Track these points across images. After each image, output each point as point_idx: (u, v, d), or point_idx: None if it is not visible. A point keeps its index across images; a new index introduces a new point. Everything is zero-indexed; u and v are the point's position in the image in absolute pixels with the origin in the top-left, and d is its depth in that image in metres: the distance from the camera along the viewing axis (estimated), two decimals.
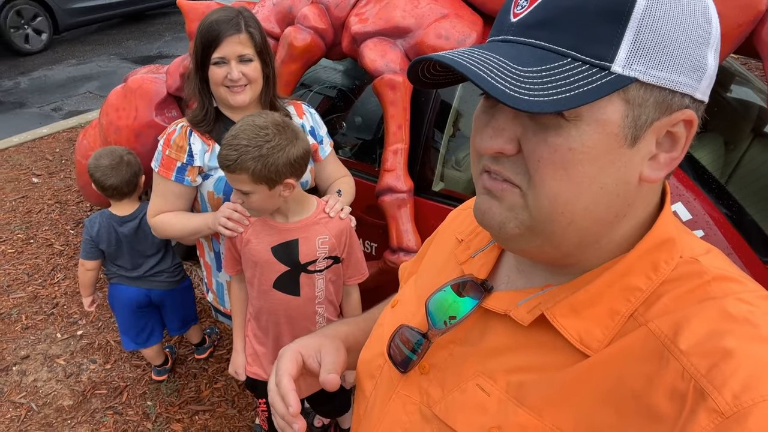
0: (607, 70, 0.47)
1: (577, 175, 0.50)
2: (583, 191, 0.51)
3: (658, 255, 0.55)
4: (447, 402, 0.62)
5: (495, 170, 0.54)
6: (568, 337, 0.55)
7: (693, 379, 0.47)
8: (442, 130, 2.04)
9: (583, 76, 0.47)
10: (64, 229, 3.60)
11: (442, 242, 0.81)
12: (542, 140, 0.50)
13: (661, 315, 0.52)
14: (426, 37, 1.89)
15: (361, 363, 0.77)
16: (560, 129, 0.49)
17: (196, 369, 2.62)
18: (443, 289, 0.66)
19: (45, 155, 4.52)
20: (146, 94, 2.66)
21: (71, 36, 7.60)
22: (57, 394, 2.49)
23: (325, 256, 1.60)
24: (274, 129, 1.42)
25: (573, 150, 0.49)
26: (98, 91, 5.92)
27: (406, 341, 0.66)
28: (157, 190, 1.75)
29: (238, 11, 1.64)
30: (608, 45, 0.47)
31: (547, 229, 0.53)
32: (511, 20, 0.51)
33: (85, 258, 2.22)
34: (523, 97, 0.46)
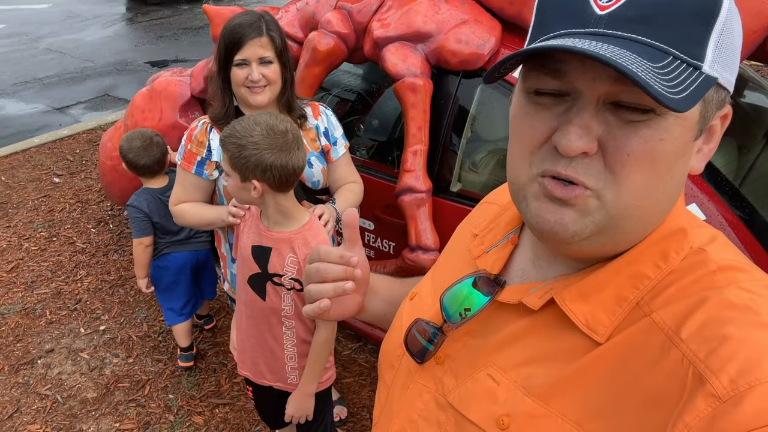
0: (699, 70, 0.48)
1: (661, 166, 0.51)
2: (661, 182, 0.52)
3: (668, 244, 0.56)
4: (460, 391, 0.64)
5: (567, 174, 0.52)
6: (575, 321, 0.56)
7: (692, 365, 0.48)
8: (461, 132, 2.10)
9: (686, 75, 0.48)
10: (86, 228, 3.69)
11: (460, 236, 0.83)
12: (632, 134, 0.50)
13: (665, 305, 0.53)
14: (446, 41, 1.95)
15: (383, 353, 0.80)
16: (649, 122, 0.49)
17: (215, 364, 2.68)
18: (458, 284, 0.67)
19: (66, 156, 4.62)
20: (171, 96, 2.74)
21: (92, 36, 7.75)
22: (81, 387, 2.56)
23: (291, 277, 1.58)
24: (264, 130, 1.45)
25: (663, 141, 0.50)
26: (116, 93, 6.04)
27: (422, 332, 0.68)
28: (178, 180, 1.85)
29: (259, 15, 1.72)
30: (700, 45, 0.48)
31: (619, 225, 0.53)
32: (597, 12, 0.50)
33: (142, 235, 2.38)
34: (670, 95, 0.46)
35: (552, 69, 0.51)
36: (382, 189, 2.20)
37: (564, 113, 0.52)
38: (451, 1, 2.02)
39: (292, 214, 1.58)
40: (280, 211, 1.56)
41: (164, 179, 2.46)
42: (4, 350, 2.76)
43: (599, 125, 0.50)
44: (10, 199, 4.01)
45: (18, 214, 3.84)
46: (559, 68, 0.51)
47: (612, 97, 0.50)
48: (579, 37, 0.49)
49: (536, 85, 0.53)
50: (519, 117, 0.56)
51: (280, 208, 1.55)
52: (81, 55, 7.22)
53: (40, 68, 6.81)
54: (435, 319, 0.69)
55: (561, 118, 0.52)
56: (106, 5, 9.79)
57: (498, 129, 2.16)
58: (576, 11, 0.51)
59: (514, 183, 0.58)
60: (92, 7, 9.65)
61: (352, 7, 2.15)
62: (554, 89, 0.52)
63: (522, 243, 0.69)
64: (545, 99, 0.53)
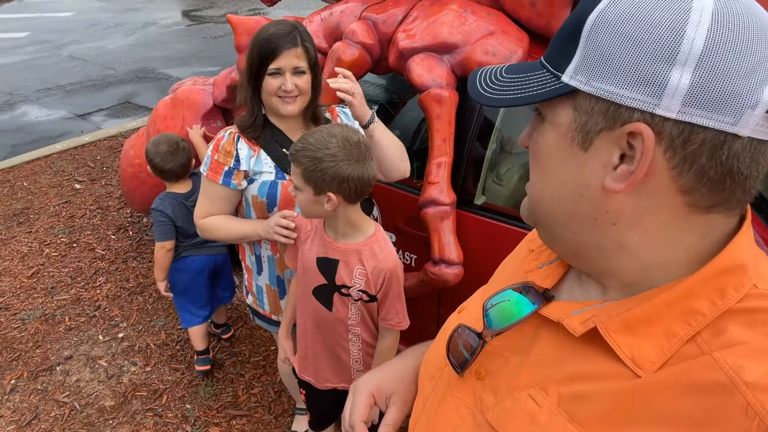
0: (558, 79, 0.55)
1: (542, 166, 0.59)
2: (547, 182, 0.59)
3: (726, 280, 0.53)
4: (499, 409, 0.62)
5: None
6: (620, 354, 0.54)
7: (758, 416, 0.45)
8: (486, 144, 2.07)
9: (542, 83, 0.56)
10: (106, 234, 3.71)
11: (518, 251, 0.83)
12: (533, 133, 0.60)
13: (728, 346, 0.50)
14: (473, 53, 1.93)
15: (425, 364, 0.80)
16: (540, 126, 0.59)
17: (233, 374, 2.66)
18: (503, 291, 0.66)
19: (87, 162, 4.66)
20: (193, 104, 2.74)
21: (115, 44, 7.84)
22: (99, 395, 2.55)
23: (360, 289, 1.58)
24: (340, 142, 1.44)
25: (537, 143, 0.59)
26: (137, 101, 6.10)
27: (466, 343, 0.68)
28: (204, 192, 1.82)
29: (293, 26, 1.71)
30: (566, 59, 0.54)
31: (536, 216, 0.62)
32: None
33: (165, 239, 2.40)
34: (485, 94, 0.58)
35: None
36: (405, 201, 2.17)
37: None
38: (478, 12, 1.99)
39: (359, 226, 1.58)
40: (348, 223, 1.56)
41: (188, 184, 2.48)
42: (24, 356, 2.77)
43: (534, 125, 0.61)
44: (31, 205, 4.04)
45: (39, 219, 3.87)
46: None
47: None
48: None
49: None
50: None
51: (349, 219, 1.55)
52: (103, 63, 7.32)
53: (63, 75, 6.90)
54: (477, 326, 0.68)
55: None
56: (129, 14, 9.93)
57: None
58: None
59: None
60: (115, 16, 9.81)
61: (377, 17, 2.13)
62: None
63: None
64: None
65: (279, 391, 2.55)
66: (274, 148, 1.78)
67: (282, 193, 1.76)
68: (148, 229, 3.75)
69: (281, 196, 1.76)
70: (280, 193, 1.76)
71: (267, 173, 1.77)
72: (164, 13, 9.93)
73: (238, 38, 2.48)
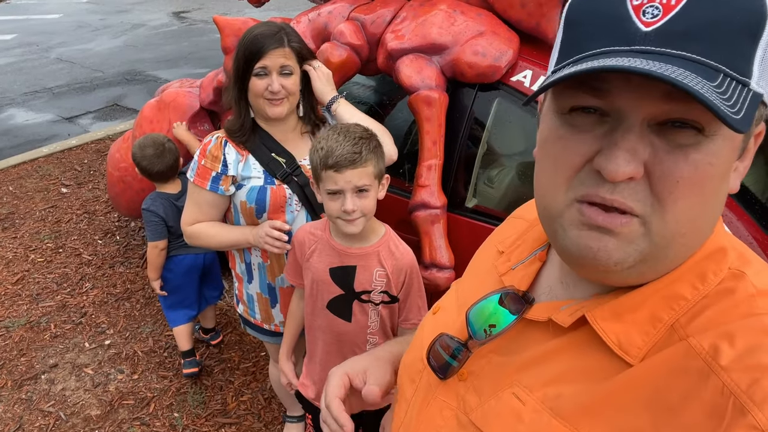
0: (747, 87, 0.46)
1: (709, 191, 0.49)
2: (706, 207, 0.50)
3: (707, 265, 0.54)
4: (483, 409, 0.61)
5: (613, 200, 0.49)
6: (607, 341, 0.53)
7: (732, 395, 0.46)
8: (476, 146, 2.04)
9: (738, 92, 0.45)
10: (93, 239, 3.65)
11: (485, 251, 0.81)
12: (681, 159, 0.47)
13: (703, 330, 0.50)
14: (462, 53, 1.90)
15: (403, 367, 0.78)
16: (699, 146, 0.47)
17: (222, 381, 2.62)
18: (484, 300, 0.65)
19: (74, 166, 4.59)
20: (180, 107, 2.70)
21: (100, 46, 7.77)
22: (85, 404, 2.50)
23: (381, 290, 1.55)
24: (367, 131, 1.47)
25: (713, 165, 0.48)
26: (125, 103, 6.03)
27: (445, 347, 0.67)
28: (191, 199, 1.78)
29: (280, 27, 1.67)
30: (747, 61, 0.46)
31: (662, 254, 0.51)
32: (642, 29, 0.47)
33: (157, 239, 2.41)
34: (734, 116, 0.43)
35: (593, 87, 0.49)
36: (395, 204, 2.14)
37: (606, 135, 0.49)
38: (467, 13, 1.97)
39: (373, 227, 1.57)
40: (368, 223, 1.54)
41: (178, 184, 2.48)
42: (8, 365, 2.71)
43: (645, 148, 0.48)
44: (17, 210, 3.98)
45: (25, 224, 3.81)
46: (601, 86, 0.48)
47: (658, 118, 0.47)
48: (624, 56, 0.45)
49: (573, 103, 0.50)
50: (552, 140, 0.53)
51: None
52: (91, 65, 7.24)
53: (50, 78, 6.82)
54: (459, 334, 0.67)
55: (604, 141, 0.49)
56: (117, 16, 9.85)
57: (515, 143, 2.10)
58: (616, 28, 0.48)
59: (548, 209, 0.55)
60: (103, 18, 9.72)
61: (365, 18, 2.10)
62: (594, 106, 0.49)
63: (550, 260, 0.68)
64: (581, 119, 0.50)
65: (269, 398, 2.51)
66: (263, 153, 1.74)
67: (271, 199, 1.72)
68: (136, 234, 3.69)
69: (270, 201, 1.72)
70: (270, 199, 1.72)
71: (256, 178, 1.73)
72: (153, 14, 9.85)
73: (224, 40, 2.45)
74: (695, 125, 0.46)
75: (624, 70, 0.43)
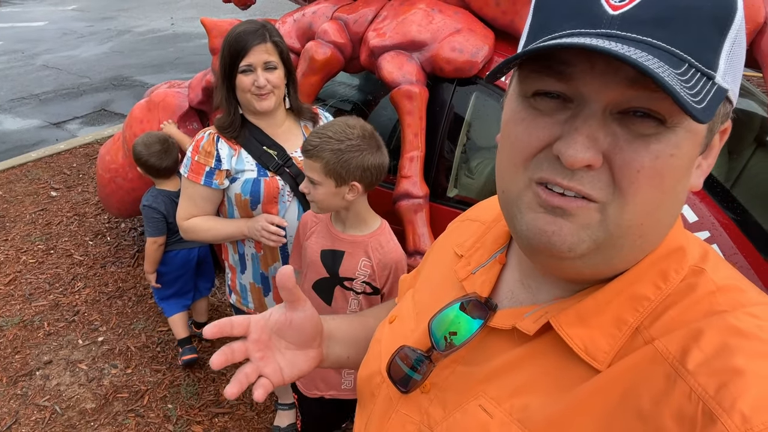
0: (712, 80, 0.45)
1: (668, 183, 0.48)
2: (665, 200, 0.49)
3: (668, 264, 0.53)
4: (449, 423, 0.59)
5: (570, 186, 0.48)
6: (574, 347, 0.52)
7: (701, 401, 0.44)
8: (456, 138, 2.13)
9: (702, 84, 0.44)
10: (83, 240, 3.70)
11: (440, 255, 0.78)
12: (642, 148, 0.46)
13: (667, 332, 0.50)
14: (441, 50, 1.99)
15: (361, 380, 0.75)
16: (660, 136, 0.46)
17: (214, 374, 2.68)
18: (447, 309, 0.63)
19: (63, 170, 4.63)
20: (169, 107, 2.77)
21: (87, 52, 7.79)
22: (80, 398, 2.55)
23: (363, 281, 1.60)
24: (360, 131, 1.49)
25: (673, 156, 0.47)
26: (112, 108, 6.07)
27: (405, 359, 0.64)
28: (186, 194, 1.85)
29: (262, 24, 1.75)
30: (714, 53, 0.45)
31: (616, 244, 0.50)
32: (609, 12, 0.45)
33: (157, 235, 2.49)
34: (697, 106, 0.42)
35: (557, 71, 0.47)
36: (380, 196, 2.22)
37: (568, 121, 0.48)
38: (444, 11, 2.06)
39: (367, 219, 1.62)
40: (358, 215, 1.59)
41: (177, 182, 2.54)
42: (3, 362, 2.76)
43: (606, 137, 0.47)
44: (7, 213, 4.01)
45: (15, 227, 3.84)
46: (564, 70, 0.47)
47: (621, 106, 0.46)
48: (589, 38, 0.45)
49: (537, 87, 0.49)
50: (514, 122, 0.52)
51: (359, 211, 1.59)
52: (77, 71, 7.27)
53: (37, 84, 6.84)
54: (419, 345, 0.64)
55: (564, 126, 0.48)
56: (103, 22, 9.87)
57: (492, 135, 2.19)
58: (584, 11, 0.47)
59: (506, 192, 0.54)
60: (89, 24, 9.74)
61: (348, 17, 2.19)
62: (557, 91, 0.49)
63: (510, 262, 0.66)
64: (545, 104, 0.49)
65: None
66: (254, 146, 1.82)
67: (265, 190, 1.79)
68: (126, 235, 3.75)
69: (264, 193, 1.79)
70: (264, 190, 1.79)
71: (249, 171, 1.80)
72: (139, 21, 9.89)
73: (212, 40, 2.52)
74: (657, 115, 0.45)
75: (583, 47, 0.43)
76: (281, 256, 1.89)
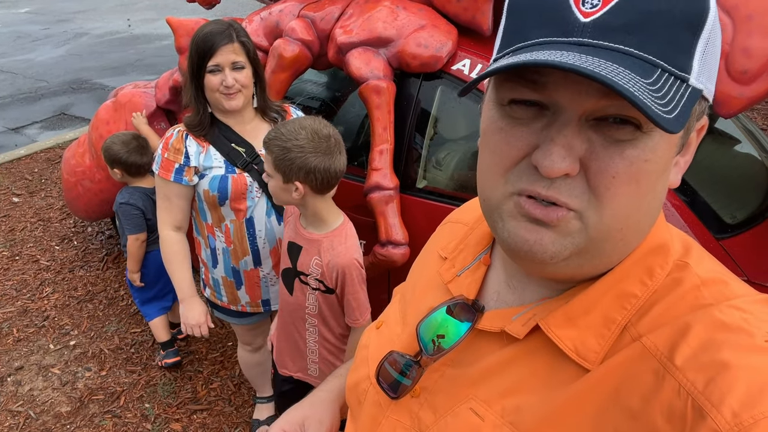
0: (686, 82, 0.45)
1: (645, 187, 0.48)
2: (643, 202, 0.49)
3: (653, 260, 0.54)
4: (439, 427, 0.59)
5: (548, 196, 0.48)
6: (564, 348, 0.53)
7: (690, 396, 0.45)
8: (424, 131, 2.20)
9: (675, 89, 0.44)
10: (49, 245, 3.64)
11: (425, 260, 0.78)
12: (617, 154, 0.47)
13: (654, 328, 0.50)
14: (407, 45, 2.06)
15: (350, 387, 0.74)
16: (635, 141, 0.46)
17: (191, 372, 2.69)
18: (434, 312, 0.63)
19: (24, 175, 4.54)
20: (136, 107, 2.76)
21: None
22: (54, 402, 2.53)
23: (316, 278, 1.63)
24: (309, 134, 1.51)
25: (648, 161, 0.47)
26: (73, 112, 5.95)
27: (394, 364, 0.64)
28: (160, 192, 1.88)
29: (229, 24, 1.79)
30: (687, 56, 0.45)
31: (599, 247, 0.51)
32: (581, 20, 0.46)
33: (138, 231, 2.48)
34: (665, 116, 0.42)
35: (531, 80, 0.48)
36: (352, 189, 2.28)
37: (544, 129, 0.48)
38: (409, 8, 2.13)
39: (325, 218, 1.63)
40: (315, 214, 1.62)
41: (152, 179, 2.55)
42: None
43: (582, 144, 0.47)
44: None
45: None
46: (538, 80, 0.47)
47: (596, 113, 0.46)
48: (561, 48, 0.45)
49: (512, 96, 0.50)
50: (491, 132, 0.52)
51: (316, 210, 1.61)
52: (34, 75, 7.09)
53: None
54: (407, 349, 0.65)
55: (541, 135, 0.48)
56: (58, 25, 9.62)
57: (459, 128, 2.27)
58: (556, 17, 0.47)
59: (488, 201, 0.54)
60: (44, 27, 9.48)
61: (315, 15, 2.24)
62: (533, 99, 0.49)
63: (494, 264, 0.66)
64: (521, 112, 0.49)
65: (239, 384, 2.60)
66: (222, 144, 1.85)
67: (233, 187, 1.83)
68: (94, 238, 3.70)
69: (232, 189, 1.83)
70: (231, 187, 1.83)
71: (217, 168, 1.84)
72: (96, 23, 9.68)
73: (178, 40, 2.53)
74: (634, 121, 0.45)
75: (551, 66, 0.42)
76: (251, 250, 1.94)
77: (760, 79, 1.63)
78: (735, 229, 1.88)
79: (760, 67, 1.62)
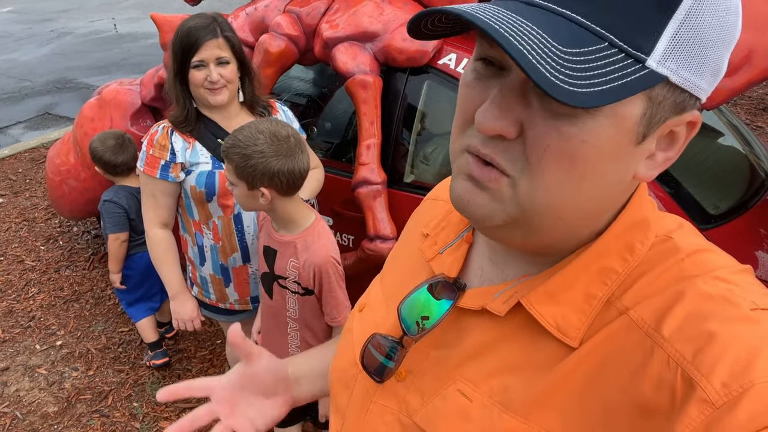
0: (641, 63, 0.43)
1: (582, 169, 0.46)
2: (583, 187, 0.48)
3: (633, 235, 0.53)
4: (428, 410, 0.58)
5: (485, 154, 0.49)
6: (545, 325, 0.52)
7: (679, 367, 0.45)
8: (411, 126, 2.21)
9: (618, 67, 0.42)
10: (35, 246, 3.60)
11: (407, 238, 0.77)
12: (553, 128, 0.45)
13: (640, 300, 0.50)
14: (393, 40, 2.06)
15: (333, 372, 0.73)
16: (575, 119, 0.44)
17: (180, 370, 2.68)
18: (415, 291, 0.61)
19: (8, 175, 4.48)
20: (121, 104, 2.74)
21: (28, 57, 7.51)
22: (41, 402, 2.51)
23: (294, 280, 1.61)
24: (268, 138, 1.47)
25: (586, 143, 0.45)
26: (57, 111, 5.89)
27: (378, 347, 0.62)
28: (146, 190, 1.86)
29: (212, 18, 1.77)
30: (649, 35, 0.43)
31: (534, 222, 0.50)
32: None
33: (118, 231, 2.44)
34: (563, 86, 0.40)
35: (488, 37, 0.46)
36: (340, 184, 2.28)
37: (493, 88, 0.48)
38: (394, 3, 2.13)
39: (295, 219, 1.61)
40: (285, 216, 1.59)
41: (137, 179, 2.51)
42: None
43: (523, 109, 0.46)
44: None
45: None
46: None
47: None
48: (509, 7, 0.44)
49: (480, 53, 0.49)
50: (462, 85, 0.53)
51: (285, 212, 1.58)
52: (18, 75, 7.01)
53: None
54: (392, 332, 0.63)
55: (488, 93, 0.48)
56: (42, 24, 9.52)
57: (446, 122, 2.28)
58: None
59: (451, 156, 0.54)
60: (27, 27, 9.37)
61: (300, 10, 2.23)
62: (492, 57, 0.48)
63: (477, 241, 0.65)
64: (485, 70, 0.49)
65: None
66: (208, 139, 1.84)
67: (220, 183, 1.81)
68: (79, 238, 3.67)
69: (219, 185, 1.82)
70: (219, 183, 1.82)
71: (204, 164, 1.82)
72: (80, 22, 9.58)
73: (163, 36, 2.51)
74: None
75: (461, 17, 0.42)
76: (239, 246, 1.93)
77: (741, 70, 1.66)
78: (718, 219, 1.91)
79: (741, 59, 1.64)
